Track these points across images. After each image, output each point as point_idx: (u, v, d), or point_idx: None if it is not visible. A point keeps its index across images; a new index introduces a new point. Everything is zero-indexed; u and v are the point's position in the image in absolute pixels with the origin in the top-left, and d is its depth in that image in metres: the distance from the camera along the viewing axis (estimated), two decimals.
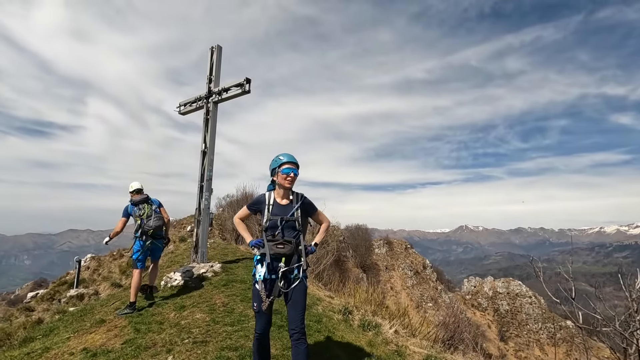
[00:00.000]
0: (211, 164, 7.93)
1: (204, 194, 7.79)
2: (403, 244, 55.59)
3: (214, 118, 8.07)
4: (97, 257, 21.34)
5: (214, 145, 8.06)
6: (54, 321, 6.67)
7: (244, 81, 7.44)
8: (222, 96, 7.88)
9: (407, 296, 48.94)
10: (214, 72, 8.23)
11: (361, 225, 52.42)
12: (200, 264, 7.55)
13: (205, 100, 8.21)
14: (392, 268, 51.34)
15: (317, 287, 8.53)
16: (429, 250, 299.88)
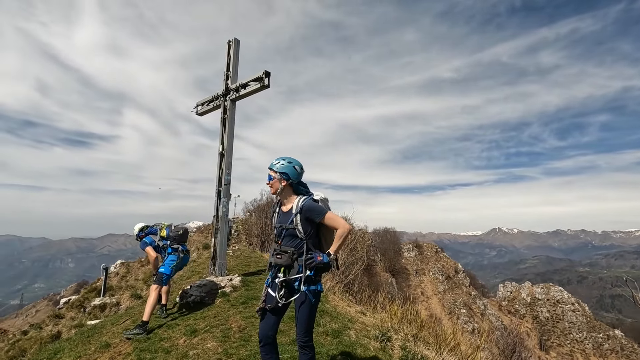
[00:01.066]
0: (229, 167, 7.20)
1: (222, 199, 7.05)
2: (433, 247, 53.50)
3: (232, 117, 7.35)
4: (127, 263, 21.32)
5: (232, 147, 7.33)
6: (65, 340, 6.12)
7: (262, 75, 6.66)
8: (240, 93, 7.14)
9: (439, 302, 46.98)
10: (232, 68, 7.51)
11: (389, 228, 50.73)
12: (218, 277, 6.80)
13: (222, 99, 7.50)
14: (422, 272, 49.47)
15: (347, 301, 7.57)
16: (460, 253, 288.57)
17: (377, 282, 34.56)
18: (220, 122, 7.45)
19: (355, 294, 10.23)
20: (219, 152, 7.31)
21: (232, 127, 7.32)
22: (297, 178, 3.12)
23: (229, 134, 7.24)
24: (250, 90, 6.97)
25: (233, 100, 7.35)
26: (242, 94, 7.14)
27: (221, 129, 7.41)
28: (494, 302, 47.29)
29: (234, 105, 7.42)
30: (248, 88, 7.01)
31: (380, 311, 8.10)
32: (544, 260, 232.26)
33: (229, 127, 7.25)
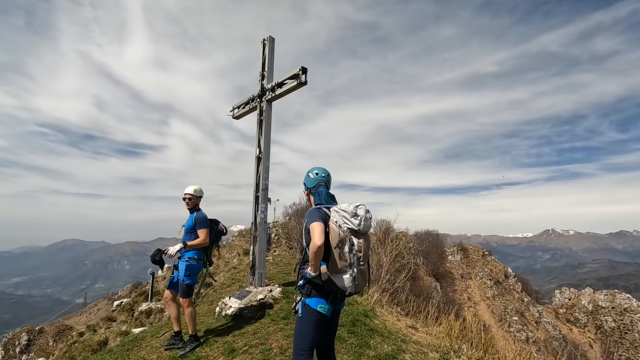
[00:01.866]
0: (267, 171, 6.79)
1: (260, 205, 6.65)
2: (480, 250, 50.59)
3: (269, 119, 6.95)
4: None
5: (269, 150, 6.92)
6: (107, 352, 6.00)
7: (299, 71, 6.19)
8: (276, 92, 6.72)
9: (488, 308, 44.22)
10: (267, 67, 7.13)
11: (431, 230, 48.67)
12: (257, 287, 6.39)
13: (258, 100, 7.14)
14: (469, 277, 46.86)
15: (396, 314, 6.86)
16: (509, 257, 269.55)
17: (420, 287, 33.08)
18: (257, 124, 7.08)
19: (403, 305, 9.46)
20: (256, 156, 6.94)
21: (268, 129, 6.93)
22: (312, 183, 2.96)
23: (266, 136, 6.84)
24: (287, 89, 6.52)
25: (269, 100, 6.95)
26: (278, 94, 6.72)
27: (257, 131, 7.04)
28: (550, 309, 43.71)
29: (270, 106, 7.02)
30: (284, 87, 6.58)
31: (432, 324, 7.31)
32: (606, 264, 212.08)
33: (265, 129, 6.85)
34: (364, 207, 2.63)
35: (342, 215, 2.59)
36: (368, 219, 2.62)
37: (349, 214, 2.58)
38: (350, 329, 4.88)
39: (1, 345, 18.46)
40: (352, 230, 2.56)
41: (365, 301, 6.44)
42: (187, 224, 4.91)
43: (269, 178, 6.83)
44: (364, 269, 2.61)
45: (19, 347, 17.33)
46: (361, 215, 2.59)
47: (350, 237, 2.55)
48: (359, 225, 2.56)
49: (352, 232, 2.56)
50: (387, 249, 10.92)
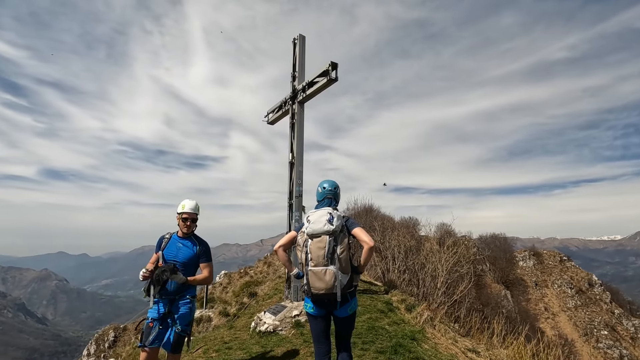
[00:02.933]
0: (300, 177, 6.36)
1: (294, 214, 6.23)
2: (557, 255, 45.52)
3: (301, 122, 6.53)
4: (229, 274, 22.49)
5: (303, 155, 6.49)
6: None
7: (328, 67, 5.69)
8: (307, 92, 6.28)
9: (569, 320, 39.47)
10: (298, 67, 6.73)
11: (498, 234, 44.80)
12: (293, 302, 5.94)
13: (290, 102, 6.76)
14: (545, 285, 42.35)
15: (452, 334, 5.94)
16: (592, 262, 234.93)
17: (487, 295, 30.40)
18: (289, 127, 6.70)
19: (463, 321, 8.38)
20: (289, 161, 6.54)
21: (301, 131, 6.50)
22: (320, 196, 3.20)
23: (298, 139, 6.43)
24: (318, 87, 6.06)
25: (300, 102, 6.54)
26: (309, 94, 6.27)
27: (290, 135, 6.66)
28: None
29: (302, 108, 6.60)
30: (315, 85, 6.12)
31: (499, 345, 6.27)
32: None
33: (297, 132, 6.44)
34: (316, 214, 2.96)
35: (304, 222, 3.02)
36: (320, 222, 2.87)
37: (305, 220, 3.00)
38: (391, 357, 4.20)
39: (94, 340, 20.96)
40: (309, 235, 2.88)
41: (413, 320, 5.67)
42: (184, 253, 3.55)
43: (303, 184, 6.39)
44: (317, 270, 2.80)
45: (107, 342, 19.55)
46: (313, 220, 2.91)
47: (305, 240, 2.89)
48: (307, 228, 2.90)
49: (309, 235, 2.88)
50: (442, 256, 9.89)
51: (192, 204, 3.71)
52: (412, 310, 6.19)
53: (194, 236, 3.73)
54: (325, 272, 2.76)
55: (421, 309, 5.77)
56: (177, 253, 3.56)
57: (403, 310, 6.32)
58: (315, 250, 2.81)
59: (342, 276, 2.80)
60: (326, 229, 2.83)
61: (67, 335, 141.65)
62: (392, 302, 6.62)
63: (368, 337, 4.71)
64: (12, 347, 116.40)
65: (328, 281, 2.75)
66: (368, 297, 6.70)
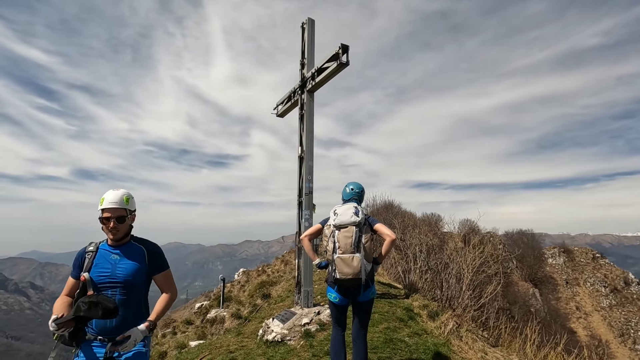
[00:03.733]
0: (310, 172, 5.83)
1: (304, 212, 5.71)
2: (589, 252, 43.23)
3: (310, 112, 5.99)
4: (247, 271, 22.33)
5: (313, 148, 5.95)
6: None
7: (338, 50, 5.12)
8: (316, 80, 5.74)
9: (603, 320, 37.52)
10: (307, 54, 6.19)
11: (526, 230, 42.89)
12: (303, 309, 5.44)
13: (298, 92, 6.24)
14: (576, 283, 40.33)
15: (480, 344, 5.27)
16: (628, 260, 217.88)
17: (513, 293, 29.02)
18: (299, 119, 6.18)
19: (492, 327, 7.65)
20: (298, 155, 6.02)
21: (311, 123, 5.97)
22: (348, 196, 3.52)
23: (308, 131, 5.90)
24: (328, 74, 5.50)
25: (310, 90, 5.99)
26: (318, 81, 5.72)
27: (299, 127, 6.13)
28: None
29: (312, 97, 6.06)
30: (324, 72, 5.56)
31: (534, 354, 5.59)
32: None
33: (307, 123, 5.91)
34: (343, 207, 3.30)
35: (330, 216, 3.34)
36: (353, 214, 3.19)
37: (332, 212, 3.33)
38: None
39: None
40: (335, 226, 3.20)
41: (436, 330, 5.05)
42: (125, 269, 2.33)
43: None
44: (345, 257, 3.08)
45: None
46: (340, 212, 3.24)
47: (332, 232, 3.20)
48: (336, 220, 3.22)
49: (335, 227, 3.20)
50: (468, 256, 9.15)
51: (116, 196, 2.38)
52: (435, 317, 5.57)
53: (134, 240, 2.48)
54: (352, 259, 3.06)
55: (446, 318, 5.14)
56: (113, 270, 2.32)
57: (425, 317, 5.70)
58: (343, 239, 3.12)
59: (366, 264, 3.12)
60: (353, 220, 3.16)
61: None
62: (412, 308, 6.01)
63: (385, 352, 4.15)
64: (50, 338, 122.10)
65: (355, 267, 3.04)
66: (386, 302, 6.11)
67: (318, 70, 5.69)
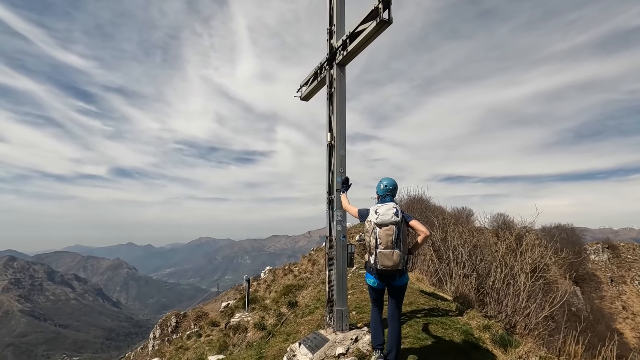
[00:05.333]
0: (343, 164, 4.65)
1: (335, 213, 4.56)
2: (637, 248, 39.77)
3: (341, 90, 4.80)
4: (273, 270, 21.47)
5: (345, 135, 4.76)
6: None
7: (378, 4, 3.91)
8: (349, 48, 4.54)
9: None
10: (336, 20, 5.00)
11: (564, 224, 39.98)
12: (337, 333, 4.30)
13: (327, 67, 5.06)
14: (622, 281, 37.22)
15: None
16: None
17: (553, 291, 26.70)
18: (327, 100, 5.00)
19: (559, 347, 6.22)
20: (327, 143, 4.86)
21: (342, 103, 4.78)
22: (382, 192, 3.83)
23: (339, 113, 4.71)
24: (364, 38, 4.28)
25: (340, 63, 4.80)
26: (351, 50, 4.52)
27: (328, 111, 4.96)
28: None
29: (343, 72, 4.86)
30: (359, 37, 4.35)
31: None
32: None
33: (338, 104, 4.73)
34: (384, 207, 3.58)
35: (371, 213, 3.64)
36: (393, 214, 3.50)
37: (373, 211, 3.62)
38: None
39: (158, 325, 22.42)
40: (376, 224, 3.51)
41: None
42: None
43: (347, 172, 4.68)
44: (386, 252, 3.44)
45: (170, 327, 20.83)
46: (381, 212, 3.53)
47: (374, 228, 3.52)
48: (378, 219, 3.52)
49: (376, 225, 3.51)
50: (524, 259, 7.71)
51: None
52: (504, 345, 4.29)
53: None
54: (392, 254, 3.43)
55: (525, 351, 3.84)
56: None
57: (489, 343, 4.43)
58: (384, 237, 3.45)
59: (403, 256, 3.47)
60: (393, 220, 3.48)
61: (138, 318, 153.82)
62: (471, 331, 4.74)
63: None
64: (94, 327, 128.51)
65: (395, 260, 3.42)
66: (439, 322, 4.87)
67: (350, 36, 4.49)
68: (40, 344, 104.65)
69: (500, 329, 4.83)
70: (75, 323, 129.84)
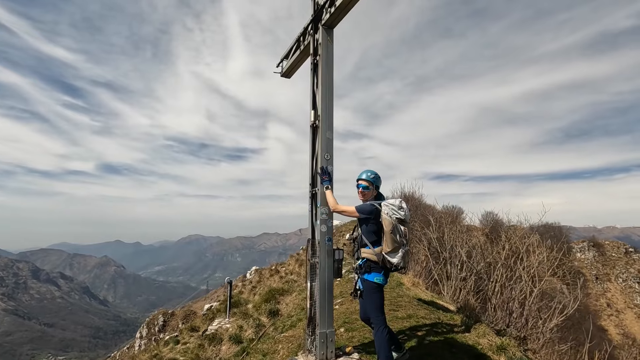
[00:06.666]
0: (329, 149, 3.69)
1: (319, 210, 3.59)
2: (621, 246, 39.92)
3: (328, 57, 3.82)
4: (260, 270, 20.42)
5: (332, 112, 3.80)
6: None
7: None
8: (337, 3, 3.57)
9: (637, 318, 34.75)
10: None
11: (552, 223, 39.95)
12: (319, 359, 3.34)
13: (310, 32, 4.08)
14: (607, 279, 37.36)
15: None
16: None
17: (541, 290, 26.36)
18: (310, 71, 4.03)
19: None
20: (311, 124, 3.88)
21: (329, 75, 3.80)
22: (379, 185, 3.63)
23: (325, 88, 3.73)
24: None
25: (328, 25, 3.83)
26: (340, 5, 3.55)
27: (312, 84, 3.98)
28: None
29: (331, 36, 3.88)
30: None
31: None
32: None
33: (323, 76, 3.75)
34: (404, 202, 3.38)
35: (391, 208, 3.28)
36: (408, 210, 3.36)
37: (397, 207, 3.29)
38: None
39: (145, 324, 21.64)
40: (399, 220, 3.27)
41: None
42: None
43: (334, 162, 3.71)
44: (409, 249, 3.35)
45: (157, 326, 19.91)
46: (405, 207, 3.33)
47: (398, 225, 3.25)
48: (404, 215, 3.29)
49: (399, 220, 3.27)
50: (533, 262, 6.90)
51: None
52: None
53: None
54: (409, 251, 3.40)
55: None
56: None
57: None
58: (408, 234, 3.35)
59: None
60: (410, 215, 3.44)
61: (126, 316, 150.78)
62: (483, 351, 3.85)
63: None
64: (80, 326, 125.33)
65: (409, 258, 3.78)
66: (444, 342, 3.95)
67: None
68: (25, 343, 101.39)
69: (517, 351, 3.94)
70: (61, 322, 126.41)
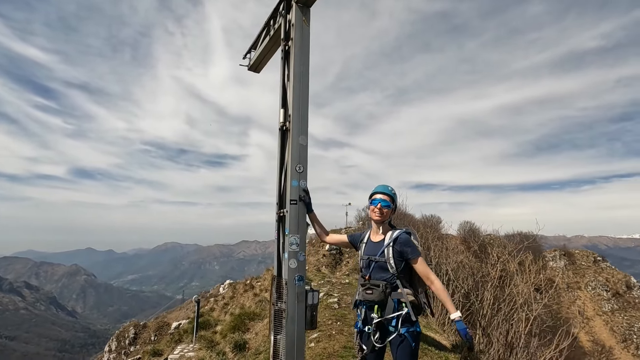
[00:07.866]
0: (302, 158, 2.81)
1: (288, 239, 2.69)
2: (590, 255, 41.00)
3: (303, 42, 2.97)
4: (234, 284, 19.08)
5: (307, 114, 2.94)
6: None
7: None
8: None
9: (606, 325, 35.47)
10: None
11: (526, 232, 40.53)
12: None
13: (283, 11, 3.21)
14: (577, 287, 38.13)
15: None
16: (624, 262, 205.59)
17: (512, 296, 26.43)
18: (282, 59, 3.15)
19: None
20: (280, 126, 2.99)
21: (305, 65, 2.94)
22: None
23: (299, 81, 2.87)
24: None
25: (303, 3, 2.98)
26: None
27: (282, 75, 3.11)
28: None
29: (307, 16, 3.03)
30: None
31: None
32: None
33: (297, 66, 2.89)
34: None
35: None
36: None
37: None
38: None
39: (114, 337, 20.10)
40: None
41: None
42: None
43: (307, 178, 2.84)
44: None
45: (128, 339, 18.79)
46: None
47: None
48: None
49: None
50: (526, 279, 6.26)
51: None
52: None
53: None
54: None
55: None
56: None
57: None
58: None
59: None
60: None
61: (96, 328, 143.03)
62: None
63: None
64: (45, 339, 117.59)
65: None
66: None
67: None
68: None
69: None
70: (24, 334, 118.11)
